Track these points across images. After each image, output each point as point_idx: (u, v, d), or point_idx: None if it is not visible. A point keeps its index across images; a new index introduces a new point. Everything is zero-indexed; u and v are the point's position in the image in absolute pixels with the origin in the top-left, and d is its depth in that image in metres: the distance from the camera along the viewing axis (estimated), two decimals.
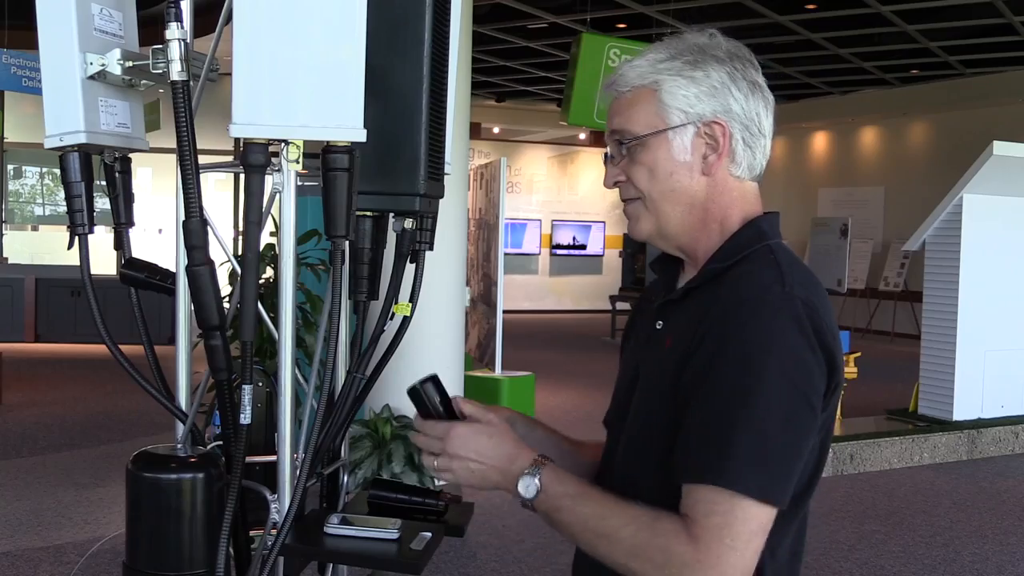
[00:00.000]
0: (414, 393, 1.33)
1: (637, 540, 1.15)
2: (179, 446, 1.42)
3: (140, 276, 1.48)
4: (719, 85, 1.28)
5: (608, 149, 1.35)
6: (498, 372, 7.07)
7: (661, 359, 1.28)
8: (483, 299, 7.90)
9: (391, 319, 1.52)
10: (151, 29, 1.55)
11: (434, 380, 1.35)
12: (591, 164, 18.04)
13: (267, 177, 1.30)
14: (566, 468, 1.42)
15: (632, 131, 1.30)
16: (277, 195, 1.34)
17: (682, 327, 1.27)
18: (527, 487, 1.22)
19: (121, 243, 1.51)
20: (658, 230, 1.33)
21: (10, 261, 12.78)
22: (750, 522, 1.12)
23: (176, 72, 1.29)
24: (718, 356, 1.17)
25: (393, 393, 4.95)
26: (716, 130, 1.28)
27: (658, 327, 1.33)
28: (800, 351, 1.16)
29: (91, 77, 1.36)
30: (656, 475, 1.23)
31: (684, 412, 1.19)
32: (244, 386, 1.31)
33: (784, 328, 1.17)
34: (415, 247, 1.52)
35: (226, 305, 1.36)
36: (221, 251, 1.53)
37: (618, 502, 1.20)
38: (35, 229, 16.11)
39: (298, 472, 1.34)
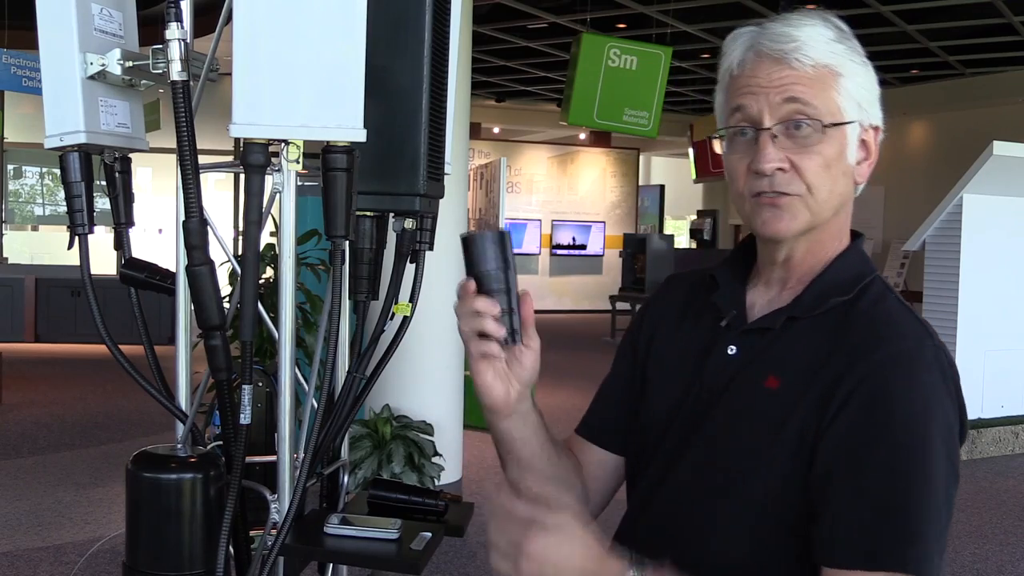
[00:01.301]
0: (475, 243, 1.10)
1: None
2: (179, 446, 1.42)
3: (140, 276, 1.48)
4: (877, 84, 1.14)
5: (768, 123, 1.11)
6: None
7: (762, 401, 1.11)
8: None
9: (391, 319, 1.52)
10: (151, 29, 1.55)
11: (503, 235, 1.12)
12: (591, 164, 18.05)
13: (267, 177, 1.30)
14: (549, 473, 1.26)
15: (818, 112, 1.10)
16: (277, 195, 1.34)
17: (792, 369, 1.11)
18: None
19: (121, 243, 1.51)
20: (811, 226, 1.14)
21: (10, 261, 12.79)
22: None
23: (176, 72, 1.29)
24: (878, 426, 1.04)
25: (393, 393, 4.95)
26: (871, 136, 1.14)
27: (731, 352, 1.16)
28: (950, 415, 1.07)
29: (91, 77, 1.36)
30: (747, 531, 1.10)
31: (830, 480, 1.05)
32: (244, 386, 1.31)
33: (938, 390, 1.06)
34: (415, 247, 1.52)
35: (226, 305, 1.36)
36: (221, 251, 1.53)
37: None
38: (35, 229, 16.12)
39: (298, 472, 1.34)
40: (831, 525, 1.05)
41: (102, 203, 1.51)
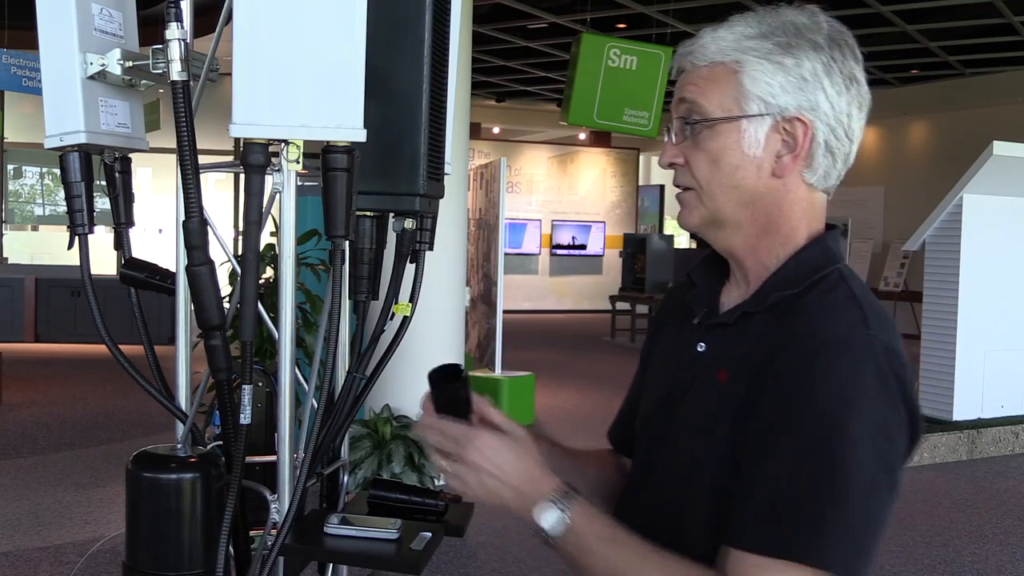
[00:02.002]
0: (440, 384, 1.21)
1: None
2: (179, 446, 1.42)
3: (140, 276, 1.47)
4: (810, 77, 1.12)
5: (673, 124, 1.20)
6: (498, 372, 7.08)
7: (713, 394, 1.14)
8: (483, 299, 7.90)
9: (391, 319, 1.52)
10: (151, 29, 1.55)
11: (462, 374, 1.23)
12: (591, 164, 18.05)
13: (267, 177, 1.30)
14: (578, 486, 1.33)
15: (703, 109, 1.15)
16: (277, 195, 1.34)
17: (740, 361, 1.12)
18: (551, 521, 1.11)
19: (121, 243, 1.51)
20: (712, 219, 1.18)
21: (10, 261, 12.79)
22: None
23: (176, 72, 1.29)
24: (793, 409, 1.05)
25: (393, 393, 4.95)
26: (797, 128, 1.13)
27: (700, 349, 1.19)
28: (883, 408, 1.04)
29: (91, 77, 1.36)
30: (708, 526, 1.12)
31: (742, 463, 1.07)
32: (244, 386, 1.31)
33: (866, 380, 1.04)
34: (415, 247, 1.52)
35: (226, 305, 1.36)
36: (221, 251, 1.53)
37: (650, 551, 1.09)
38: (35, 229, 16.12)
39: (298, 472, 1.34)
40: (736, 507, 1.06)
41: (102, 203, 1.51)
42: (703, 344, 1.19)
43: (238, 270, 1.40)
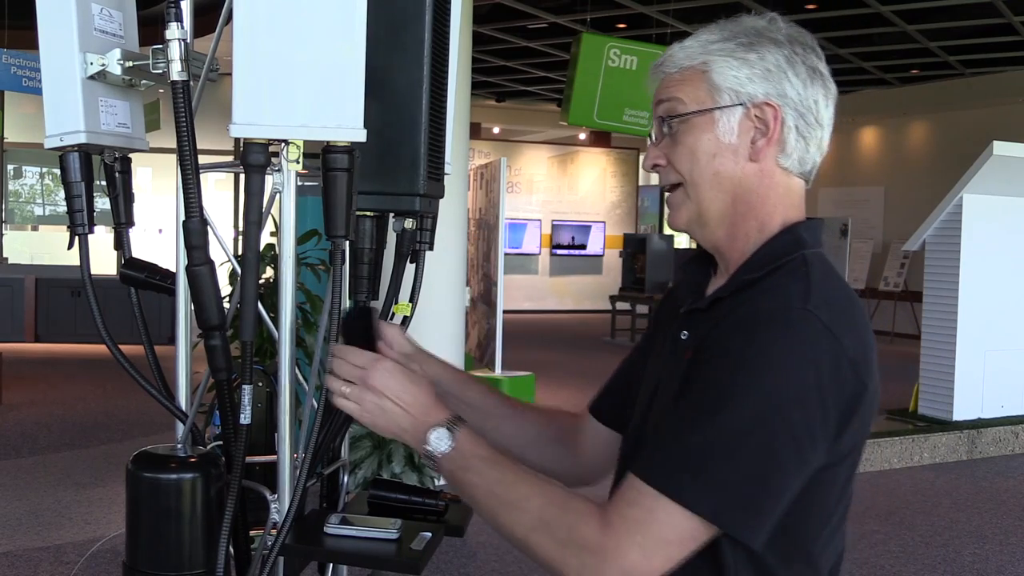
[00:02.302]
0: (352, 325, 1.33)
1: (544, 513, 1.12)
2: (179, 446, 1.42)
3: (140, 276, 1.47)
4: (774, 68, 1.20)
5: (651, 130, 1.28)
6: (498, 372, 7.07)
7: (678, 374, 1.19)
8: (483, 299, 7.89)
9: (391, 319, 1.52)
10: (151, 29, 1.55)
11: (372, 313, 1.37)
12: (591, 164, 18.05)
13: (267, 177, 1.30)
14: (507, 433, 1.45)
15: (678, 107, 1.23)
16: (277, 195, 1.34)
17: (701, 341, 1.17)
18: (439, 439, 1.19)
19: (121, 243, 1.51)
20: (698, 216, 1.24)
21: (10, 261, 12.79)
22: (668, 528, 1.06)
23: (176, 72, 1.29)
24: (711, 364, 1.11)
25: None
26: (767, 113, 1.19)
27: (683, 337, 1.24)
28: (804, 381, 1.07)
29: (91, 77, 1.36)
30: None
31: (669, 408, 1.16)
32: (244, 386, 1.31)
33: (788, 350, 1.08)
34: (415, 247, 1.52)
35: (226, 305, 1.36)
36: (221, 251, 1.53)
37: (532, 474, 1.17)
38: (35, 229, 16.11)
39: (298, 472, 1.34)
40: (647, 440, 1.17)
41: (102, 203, 1.51)
42: (685, 332, 1.25)
43: (238, 270, 1.40)
